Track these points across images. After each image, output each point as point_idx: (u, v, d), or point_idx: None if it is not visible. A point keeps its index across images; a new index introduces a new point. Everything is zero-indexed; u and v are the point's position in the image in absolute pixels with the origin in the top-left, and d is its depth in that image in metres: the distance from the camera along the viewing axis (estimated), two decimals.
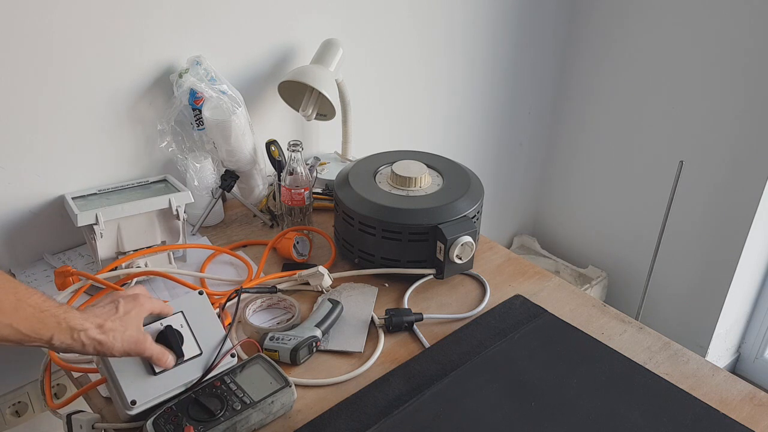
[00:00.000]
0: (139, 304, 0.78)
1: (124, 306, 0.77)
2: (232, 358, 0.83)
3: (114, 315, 0.75)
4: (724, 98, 1.69)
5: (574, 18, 1.92)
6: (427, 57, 1.63)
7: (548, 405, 0.84)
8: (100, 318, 0.74)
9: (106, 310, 0.76)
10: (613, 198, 2.03)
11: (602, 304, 1.05)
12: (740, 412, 0.84)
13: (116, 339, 0.74)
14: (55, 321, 0.70)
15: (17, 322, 0.67)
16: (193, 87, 1.14)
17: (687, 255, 1.90)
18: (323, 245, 1.19)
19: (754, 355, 2.08)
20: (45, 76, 1.05)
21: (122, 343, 0.74)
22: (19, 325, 0.68)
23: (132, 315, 0.77)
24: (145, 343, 0.77)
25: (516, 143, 2.02)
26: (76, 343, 0.72)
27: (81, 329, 0.71)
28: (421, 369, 0.90)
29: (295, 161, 1.15)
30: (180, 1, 1.15)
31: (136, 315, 0.77)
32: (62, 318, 0.71)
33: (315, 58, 1.29)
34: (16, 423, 1.24)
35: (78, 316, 0.72)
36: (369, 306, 1.02)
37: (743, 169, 1.70)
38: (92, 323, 0.73)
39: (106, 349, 0.74)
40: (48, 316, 0.70)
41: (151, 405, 0.77)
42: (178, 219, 1.07)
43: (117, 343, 0.74)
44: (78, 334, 0.71)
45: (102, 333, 0.73)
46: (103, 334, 0.73)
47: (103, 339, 0.73)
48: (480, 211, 1.09)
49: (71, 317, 0.71)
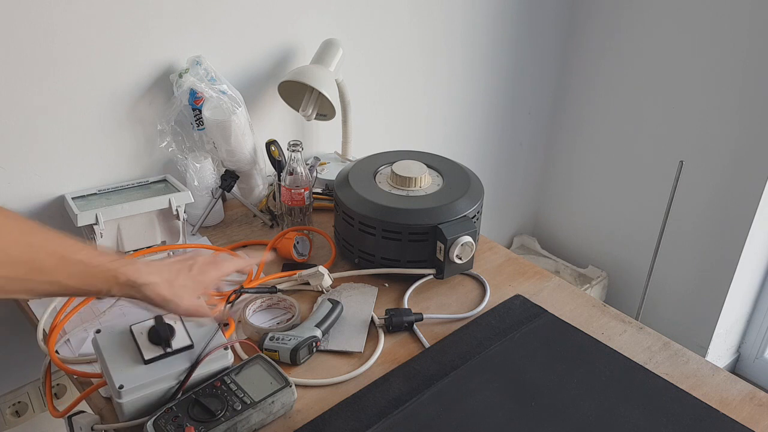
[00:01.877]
0: (216, 267, 0.78)
1: (200, 267, 0.77)
2: (226, 352, 0.82)
3: (187, 273, 0.75)
4: (724, 98, 1.69)
5: (574, 18, 1.92)
6: (427, 57, 1.63)
7: (548, 405, 0.84)
8: (171, 274, 0.73)
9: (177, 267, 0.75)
10: (613, 198, 2.03)
11: (602, 304, 1.05)
12: (740, 412, 0.84)
13: (184, 299, 0.74)
14: (110, 275, 0.69)
15: (64, 278, 0.66)
16: (193, 87, 1.14)
17: (687, 255, 1.90)
18: (323, 245, 1.19)
19: (754, 355, 2.08)
20: (45, 76, 1.05)
21: (188, 303, 0.74)
22: (66, 281, 0.67)
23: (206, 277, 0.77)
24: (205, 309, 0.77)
25: (516, 143, 2.02)
26: (141, 295, 0.71)
27: (145, 283, 0.71)
28: (421, 369, 0.90)
29: (295, 161, 1.15)
30: (180, 1, 1.15)
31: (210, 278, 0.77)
32: (121, 272, 0.70)
33: (315, 58, 1.29)
34: (16, 423, 1.24)
35: (144, 270, 0.71)
36: (369, 306, 1.02)
37: (743, 169, 1.70)
38: (162, 278, 0.72)
39: (172, 306, 0.73)
40: (100, 271, 0.69)
41: (139, 393, 0.77)
42: (178, 219, 1.07)
43: (184, 302, 0.74)
44: (141, 288, 0.71)
45: (169, 289, 0.72)
46: (170, 290, 0.72)
47: (169, 296, 0.72)
48: (480, 211, 1.09)
49: (133, 270, 0.70)
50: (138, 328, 0.82)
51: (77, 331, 0.95)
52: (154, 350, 0.80)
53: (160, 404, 0.78)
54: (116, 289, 0.70)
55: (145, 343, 0.80)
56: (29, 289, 0.65)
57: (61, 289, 0.67)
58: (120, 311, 1.00)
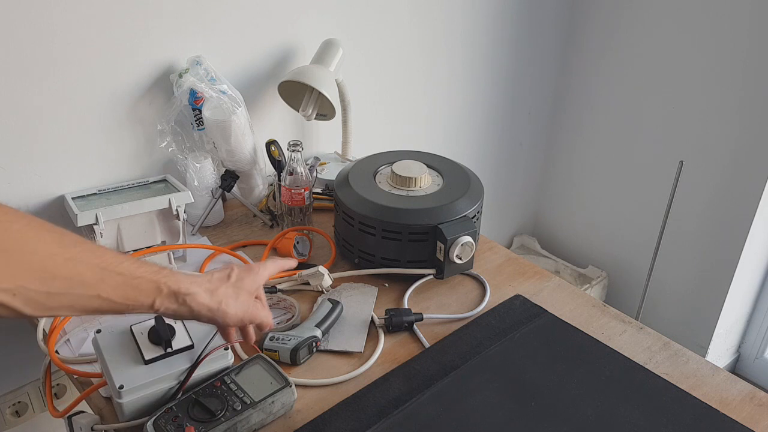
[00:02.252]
0: (254, 273, 0.78)
1: (237, 274, 0.76)
2: (226, 352, 0.83)
3: (226, 282, 0.75)
4: (724, 98, 1.69)
5: (574, 18, 1.92)
6: (427, 57, 1.63)
7: (548, 405, 0.84)
8: (212, 284, 0.73)
9: (217, 277, 0.75)
10: (613, 198, 2.03)
11: (602, 304, 1.05)
12: (740, 412, 0.84)
13: (229, 306, 0.73)
14: (153, 286, 0.68)
15: (106, 292, 0.64)
16: (193, 87, 1.14)
17: (687, 255, 1.90)
18: (323, 245, 1.19)
19: (754, 355, 2.08)
20: (45, 76, 1.05)
21: (236, 310, 0.74)
22: (108, 294, 0.64)
23: (246, 282, 0.76)
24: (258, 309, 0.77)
25: (516, 143, 2.02)
26: (184, 307, 0.70)
27: (187, 293, 0.70)
28: (421, 369, 0.90)
29: (295, 161, 1.15)
30: (180, 1, 1.15)
31: (249, 283, 0.77)
32: (163, 282, 0.68)
33: (315, 58, 1.29)
34: (16, 423, 1.24)
35: (185, 281, 0.70)
36: (369, 306, 1.02)
37: (743, 169, 1.71)
38: (202, 288, 0.71)
39: (220, 315, 0.73)
40: (144, 282, 0.67)
41: (139, 393, 0.77)
42: (178, 219, 1.07)
43: (231, 309, 0.73)
44: (185, 299, 0.70)
45: (213, 298, 0.72)
46: (214, 300, 0.72)
47: (214, 305, 0.72)
48: (480, 211, 1.09)
49: (174, 281, 0.69)
50: (138, 328, 0.82)
51: (77, 331, 0.95)
52: (155, 350, 0.80)
53: (160, 404, 0.78)
54: (159, 301, 0.68)
55: (146, 343, 0.80)
56: (70, 304, 0.63)
57: (103, 304, 0.65)
58: None
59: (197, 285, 0.71)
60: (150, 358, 0.79)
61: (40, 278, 0.60)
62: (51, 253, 0.61)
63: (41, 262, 0.60)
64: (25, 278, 0.59)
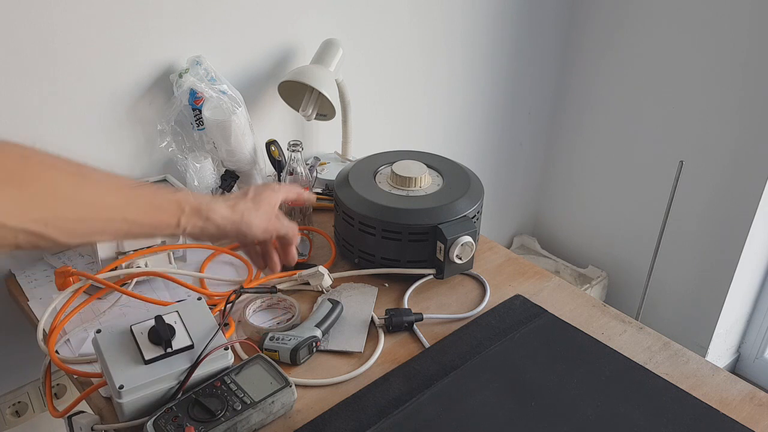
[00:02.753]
0: (271, 189, 0.80)
1: (255, 191, 0.79)
2: (226, 352, 0.83)
3: (244, 198, 0.77)
4: (724, 98, 1.69)
5: (574, 18, 1.92)
6: (427, 57, 1.63)
7: (548, 405, 0.84)
8: (230, 201, 0.75)
9: (234, 195, 0.77)
10: (613, 198, 2.03)
11: (602, 304, 1.05)
12: (740, 412, 0.84)
13: (252, 216, 0.75)
14: (175, 206, 0.69)
15: (132, 215, 0.66)
16: (193, 87, 1.14)
17: (687, 255, 1.90)
18: (323, 245, 1.19)
19: (754, 355, 2.08)
20: (45, 76, 1.05)
21: (259, 220, 0.75)
22: (134, 217, 0.66)
23: (264, 197, 0.78)
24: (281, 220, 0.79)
25: (516, 143, 2.02)
26: (209, 223, 0.71)
27: (209, 209, 0.71)
28: (421, 369, 0.90)
29: (295, 161, 1.15)
30: (180, 1, 1.15)
31: (268, 196, 0.79)
32: (184, 201, 0.70)
33: (315, 58, 1.29)
34: (16, 423, 1.24)
35: (204, 198, 0.72)
36: (369, 306, 1.02)
37: (743, 169, 1.71)
38: (221, 204, 0.73)
39: (245, 227, 0.74)
40: (165, 202, 0.69)
41: (139, 393, 0.77)
42: None
43: (255, 219, 0.75)
44: (207, 214, 0.71)
45: (234, 212, 0.73)
46: (236, 213, 0.73)
47: (237, 218, 0.73)
48: (480, 211, 1.09)
49: (194, 198, 0.71)
50: (138, 328, 0.82)
51: (77, 331, 0.95)
52: (155, 350, 0.80)
53: (160, 404, 0.78)
54: (184, 219, 0.69)
55: (146, 343, 0.80)
56: (101, 229, 0.65)
57: (132, 227, 0.66)
58: (120, 311, 1.00)
59: (216, 201, 0.73)
60: (150, 358, 0.79)
61: (68, 206, 0.61)
62: (73, 182, 0.63)
63: (65, 191, 0.62)
64: (53, 208, 0.60)
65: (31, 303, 1.04)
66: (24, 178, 0.59)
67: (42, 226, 0.59)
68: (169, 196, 0.69)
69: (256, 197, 0.78)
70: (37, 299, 1.04)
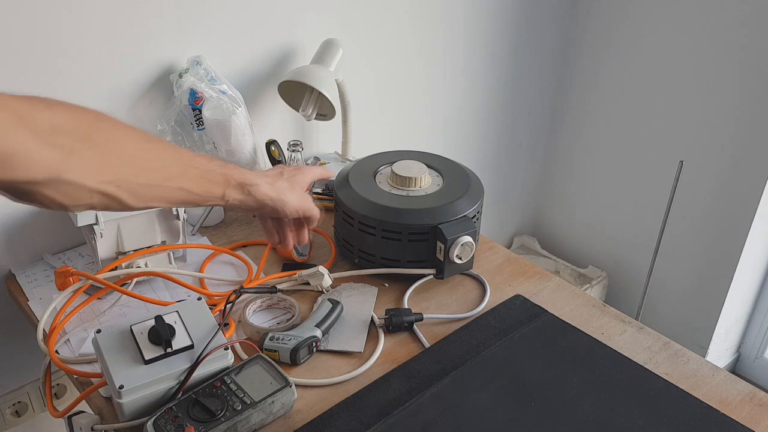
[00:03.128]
0: (303, 171, 0.87)
1: (290, 171, 0.85)
2: (226, 352, 0.83)
3: (281, 177, 0.83)
4: (724, 98, 1.69)
5: (574, 18, 1.92)
6: (427, 57, 1.63)
7: (548, 405, 0.84)
8: (270, 177, 0.81)
9: (272, 173, 0.83)
10: (613, 198, 2.03)
11: (602, 304, 1.05)
12: (740, 412, 0.84)
13: (288, 196, 0.81)
14: (223, 179, 0.75)
15: (188, 184, 0.71)
16: (193, 87, 1.14)
17: (687, 255, 1.90)
18: (323, 245, 1.19)
19: (754, 355, 2.08)
20: (45, 76, 1.05)
21: (293, 200, 0.82)
22: (189, 186, 0.71)
23: (297, 178, 0.85)
24: (310, 201, 0.85)
25: (516, 143, 2.02)
26: (249, 198, 0.77)
27: (252, 184, 0.77)
28: (421, 369, 0.90)
29: (295, 161, 1.15)
30: (180, 1, 1.15)
31: (301, 178, 0.86)
32: (230, 175, 0.75)
33: (315, 58, 1.29)
34: (16, 423, 1.24)
35: (248, 174, 0.78)
36: (369, 306, 1.02)
37: (743, 169, 1.70)
38: (263, 180, 0.79)
39: (280, 204, 0.81)
40: (215, 175, 0.74)
41: (139, 393, 0.77)
42: (178, 219, 1.07)
43: (290, 198, 0.81)
44: (249, 189, 0.77)
45: (273, 189, 0.79)
46: (274, 190, 0.79)
47: (275, 195, 0.80)
48: (480, 211, 1.09)
49: (240, 174, 0.76)
50: (138, 328, 0.82)
51: (77, 331, 0.95)
52: (155, 350, 0.80)
53: (160, 404, 0.78)
54: (229, 191, 0.75)
55: (146, 343, 0.80)
56: (161, 196, 0.69)
57: (186, 195, 0.71)
58: (120, 311, 1.00)
59: (258, 177, 0.79)
60: (150, 358, 0.79)
61: (136, 171, 0.66)
62: (140, 148, 0.67)
63: (134, 156, 0.66)
64: (125, 171, 0.64)
65: (31, 303, 1.04)
66: (99, 142, 0.62)
67: (114, 188, 0.63)
68: (219, 170, 0.75)
69: (292, 178, 0.84)
70: (37, 299, 1.04)
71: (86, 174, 0.61)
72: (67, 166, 0.59)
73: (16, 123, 0.56)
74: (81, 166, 0.60)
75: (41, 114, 0.59)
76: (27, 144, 0.56)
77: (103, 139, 0.63)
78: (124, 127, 0.67)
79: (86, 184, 0.61)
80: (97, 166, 0.62)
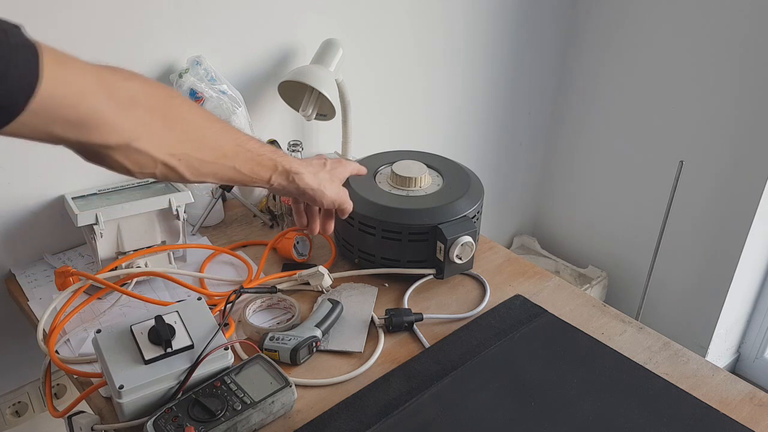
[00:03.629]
0: (343, 165, 0.92)
1: (331, 164, 0.89)
2: (226, 352, 0.83)
3: (324, 168, 0.87)
4: (724, 98, 1.69)
5: (574, 18, 1.92)
6: (427, 57, 1.63)
7: (548, 405, 0.84)
8: (314, 168, 0.85)
9: (316, 163, 0.87)
10: (613, 198, 2.03)
11: (602, 304, 1.05)
12: (740, 412, 0.84)
13: (327, 187, 0.85)
14: (271, 164, 0.79)
15: (240, 165, 0.75)
16: (193, 87, 1.14)
17: (687, 255, 1.90)
18: (323, 245, 1.19)
19: (754, 355, 2.08)
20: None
21: (331, 192, 0.86)
22: (241, 167, 0.75)
23: (338, 171, 0.89)
24: (347, 194, 0.90)
25: (516, 143, 2.02)
26: (292, 185, 0.82)
27: (296, 172, 0.81)
28: (421, 369, 0.90)
29: None
30: (180, 1, 1.15)
31: (341, 172, 0.90)
32: (278, 161, 0.79)
33: (315, 58, 1.29)
34: (16, 423, 1.24)
35: (294, 162, 0.82)
36: (369, 306, 1.02)
37: (743, 169, 1.71)
38: (307, 170, 0.83)
39: (319, 194, 0.85)
40: (265, 159, 0.78)
41: (139, 393, 0.77)
42: (178, 219, 1.07)
43: (329, 190, 0.86)
44: (293, 177, 0.81)
45: (315, 179, 0.84)
46: (316, 181, 0.84)
47: (316, 185, 0.84)
48: (480, 211, 1.09)
49: (287, 161, 0.80)
50: (138, 328, 0.82)
51: (77, 331, 0.95)
52: (155, 350, 0.80)
53: (160, 404, 0.78)
54: (275, 176, 0.79)
55: (146, 343, 0.80)
56: (215, 172, 0.73)
57: (236, 175, 0.75)
58: (120, 311, 1.00)
59: (303, 167, 0.83)
60: (150, 358, 0.79)
61: (197, 147, 0.70)
62: (203, 126, 0.71)
63: (198, 133, 0.70)
64: (188, 146, 0.68)
65: (31, 303, 1.04)
66: (170, 116, 0.66)
67: (177, 161, 0.67)
68: (269, 155, 0.78)
69: (332, 170, 0.88)
70: (37, 299, 1.04)
71: (155, 145, 0.64)
72: (138, 135, 0.63)
73: (100, 89, 0.60)
74: (151, 137, 0.64)
75: (122, 83, 0.63)
76: (106, 110, 0.59)
77: (174, 115, 0.67)
78: (191, 105, 0.72)
79: (154, 155, 0.64)
80: (166, 139, 0.66)
